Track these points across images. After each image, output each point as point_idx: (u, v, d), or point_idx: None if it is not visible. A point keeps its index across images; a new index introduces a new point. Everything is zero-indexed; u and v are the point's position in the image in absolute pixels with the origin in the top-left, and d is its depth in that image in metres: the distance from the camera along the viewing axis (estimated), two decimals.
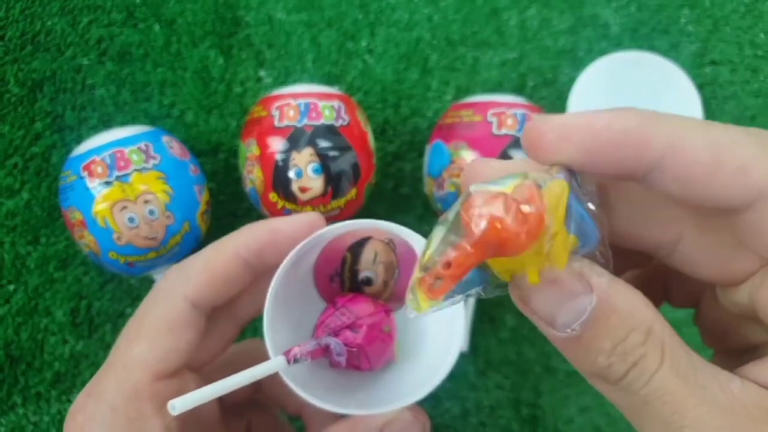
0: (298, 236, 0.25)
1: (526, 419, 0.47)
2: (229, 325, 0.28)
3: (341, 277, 0.27)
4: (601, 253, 0.18)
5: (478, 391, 0.48)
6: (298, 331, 0.26)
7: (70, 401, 0.45)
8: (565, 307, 0.17)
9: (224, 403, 0.29)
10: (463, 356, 0.48)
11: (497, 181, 0.18)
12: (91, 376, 0.45)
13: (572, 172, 0.18)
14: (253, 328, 0.45)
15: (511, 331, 0.49)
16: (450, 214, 0.18)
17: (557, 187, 0.17)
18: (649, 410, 0.16)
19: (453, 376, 0.49)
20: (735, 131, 0.18)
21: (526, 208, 0.17)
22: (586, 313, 0.17)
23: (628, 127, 0.17)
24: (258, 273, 0.26)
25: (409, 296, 0.18)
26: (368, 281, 0.27)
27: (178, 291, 0.25)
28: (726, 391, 0.16)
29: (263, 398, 0.33)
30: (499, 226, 0.17)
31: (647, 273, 0.25)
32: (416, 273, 0.18)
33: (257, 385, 0.31)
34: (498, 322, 0.49)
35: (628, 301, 0.17)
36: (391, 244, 0.27)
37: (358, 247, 0.27)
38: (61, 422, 0.45)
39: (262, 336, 0.26)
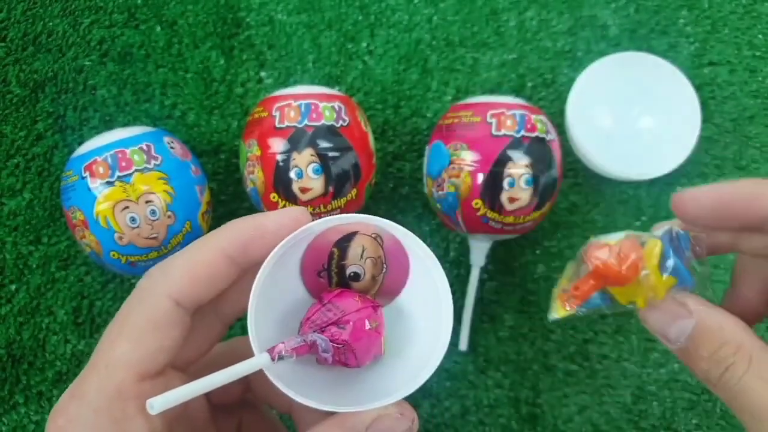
0: (283, 231, 0.25)
1: (526, 418, 0.48)
2: (215, 324, 0.28)
3: (328, 273, 0.27)
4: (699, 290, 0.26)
5: (478, 389, 0.48)
6: (285, 327, 0.26)
7: None
8: (673, 327, 0.24)
9: (214, 402, 0.29)
10: (462, 355, 0.48)
11: (609, 235, 0.27)
12: None
13: (672, 233, 0.26)
14: (242, 326, 0.45)
15: (511, 330, 0.49)
16: (579, 254, 0.27)
17: (652, 243, 0.26)
18: (740, 403, 0.22)
19: (452, 375, 0.50)
20: None
21: (625, 254, 0.25)
22: (689, 330, 0.24)
23: (743, 190, 0.25)
24: (243, 269, 0.26)
25: (551, 304, 0.27)
26: (356, 276, 0.27)
27: (160, 290, 0.24)
28: None
29: (253, 397, 0.33)
30: (601, 266, 0.26)
31: None
32: (557, 288, 0.28)
33: (246, 384, 0.31)
34: (497, 321, 0.49)
35: (720, 324, 0.24)
36: (378, 238, 0.27)
37: (344, 242, 0.26)
38: None
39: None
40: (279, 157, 0.40)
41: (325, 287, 0.27)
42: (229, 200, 0.49)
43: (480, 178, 0.41)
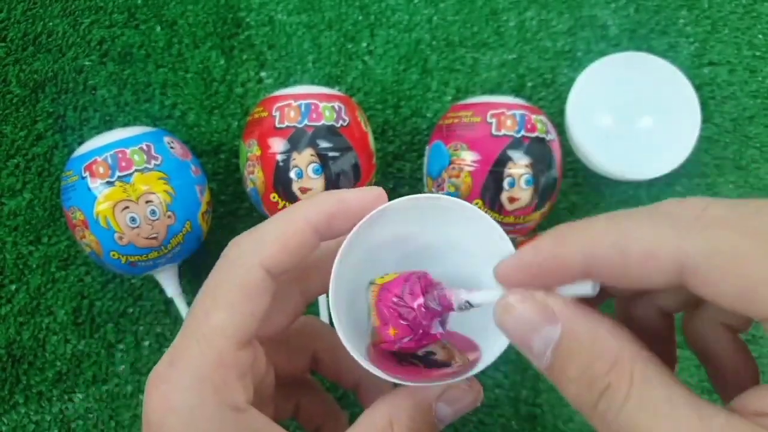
0: (365, 208, 0.25)
1: (526, 417, 0.48)
2: (297, 299, 0.28)
3: (407, 361, 0.26)
4: None
5: None
6: (356, 302, 0.27)
7: (72, 400, 0.45)
8: (536, 336, 0.19)
9: (278, 380, 0.30)
10: None
11: None
12: (94, 375, 0.45)
13: None
14: None
15: None
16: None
17: None
18: None
19: None
20: (637, 217, 0.19)
21: None
22: (554, 342, 0.18)
23: (546, 253, 0.20)
24: (323, 240, 0.26)
25: None
26: (430, 353, 0.27)
27: (253, 258, 0.25)
28: (705, 427, 0.16)
29: (311, 381, 0.33)
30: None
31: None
32: None
33: (314, 362, 0.32)
34: None
35: (592, 332, 0.18)
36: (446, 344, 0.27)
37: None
38: (63, 421, 0.45)
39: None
40: (279, 157, 0.40)
41: (417, 369, 0.26)
42: (229, 200, 0.49)
43: (480, 178, 0.41)
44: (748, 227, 0.17)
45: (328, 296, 0.25)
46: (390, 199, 0.26)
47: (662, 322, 0.24)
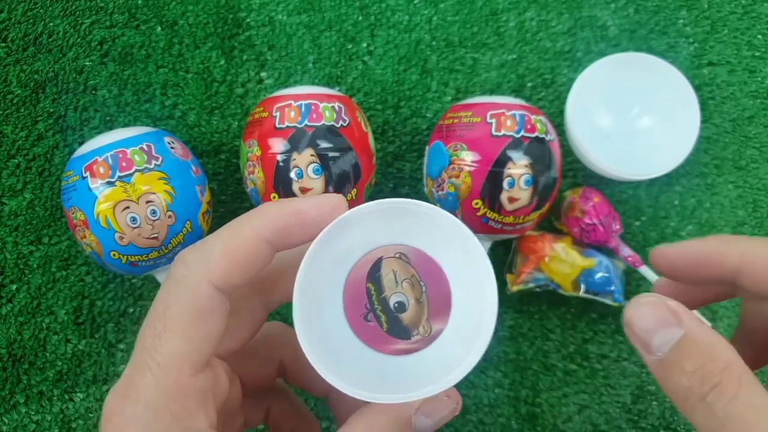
0: (323, 219, 0.24)
1: (525, 417, 0.48)
2: (258, 310, 0.27)
3: (375, 314, 0.26)
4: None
5: (477, 389, 0.48)
6: (324, 312, 0.26)
7: (72, 400, 0.45)
8: (659, 333, 0.22)
9: (245, 388, 0.29)
10: None
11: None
12: (94, 374, 0.46)
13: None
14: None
15: (510, 330, 0.49)
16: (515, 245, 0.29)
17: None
18: (730, 427, 0.20)
19: None
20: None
21: (542, 237, 0.36)
22: (674, 340, 0.22)
23: (709, 248, 0.24)
24: (278, 251, 0.25)
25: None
26: (401, 307, 0.26)
27: (200, 276, 0.23)
28: None
29: (289, 380, 0.32)
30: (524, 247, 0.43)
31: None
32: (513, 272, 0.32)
33: (281, 368, 0.31)
34: (497, 321, 0.49)
35: (710, 339, 0.22)
36: (403, 257, 0.26)
37: (374, 272, 0.26)
38: (63, 420, 0.45)
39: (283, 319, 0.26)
40: (279, 158, 0.40)
41: (377, 330, 0.27)
42: (229, 200, 0.49)
43: (480, 178, 0.41)
44: None
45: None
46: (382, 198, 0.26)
47: None
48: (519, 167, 0.41)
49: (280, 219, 0.24)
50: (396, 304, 0.26)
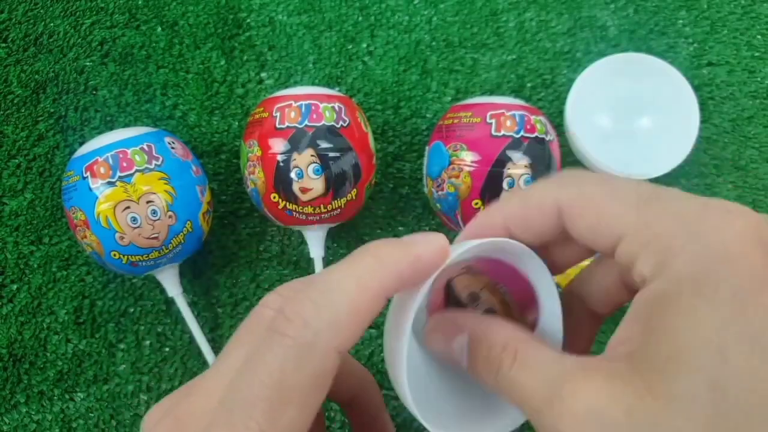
0: (435, 263, 0.23)
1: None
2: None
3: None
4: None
5: None
6: (418, 361, 0.25)
7: (73, 400, 0.45)
8: (453, 345, 0.24)
9: None
10: None
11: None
12: (95, 374, 0.46)
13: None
14: None
15: None
16: None
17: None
18: (516, 397, 0.22)
19: None
20: (538, 183, 0.24)
21: None
22: (465, 345, 0.23)
23: (481, 220, 0.26)
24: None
25: None
26: (475, 297, 0.26)
27: (329, 345, 0.21)
28: (558, 367, 0.21)
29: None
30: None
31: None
32: None
33: None
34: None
35: (488, 329, 0.23)
36: (469, 270, 0.26)
37: (451, 296, 0.26)
38: (64, 420, 0.45)
39: None
40: (279, 158, 0.41)
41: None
42: (229, 200, 0.49)
43: (480, 178, 0.41)
44: (605, 181, 0.23)
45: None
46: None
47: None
48: (519, 167, 0.41)
49: (400, 268, 0.22)
50: (469, 295, 0.26)
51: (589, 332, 0.28)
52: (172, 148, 0.42)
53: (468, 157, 0.41)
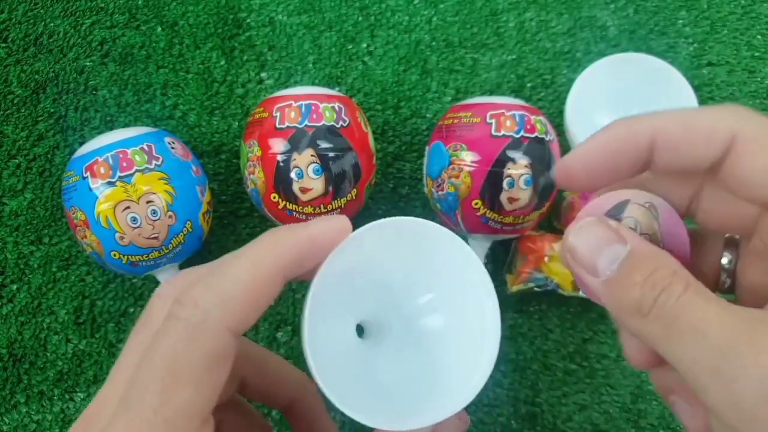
0: (334, 243, 0.23)
1: (525, 417, 0.48)
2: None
3: None
4: None
5: None
6: (332, 335, 0.25)
7: (73, 400, 0.45)
8: (604, 253, 0.22)
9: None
10: None
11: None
12: (95, 374, 0.46)
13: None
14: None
15: (510, 329, 0.49)
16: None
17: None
18: (679, 325, 0.19)
19: None
20: (699, 108, 0.23)
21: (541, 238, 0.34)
22: (621, 257, 0.21)
23: (619, 134, 0.23)
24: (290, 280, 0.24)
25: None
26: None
27: (219, 323, 0.21)
28: (747, 310, 0.19)
29: (248, 394, 0.30)
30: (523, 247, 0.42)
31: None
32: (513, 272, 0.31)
33: (241, 382, 0.29)
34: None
35: (656, 252, 0.21)
36: (652, 209, 0.24)
37: (615, 213, 0.24)
38: (64, 420, 0.45)
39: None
40: (279, 158, 0.41)
41: None
42: (229, 200, 0.49)
43: (480, 178, 0.41)
44: None
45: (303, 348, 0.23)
46: (372, 220, 0.25)
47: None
48: (519, 167, 0.41)
49: (295, 248, 0.22)
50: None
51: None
52: (172, 148, 0.42)
53: (468, 157, 0.41)
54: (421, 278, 0.27)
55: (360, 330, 0.28)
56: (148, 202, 0.39)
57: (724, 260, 0.25)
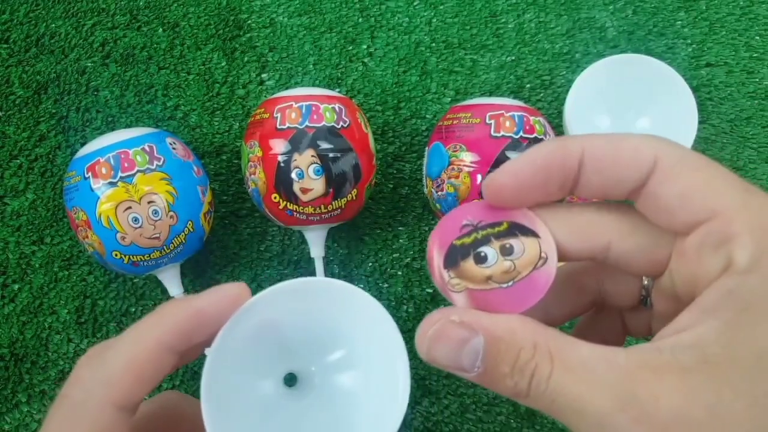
0: (224, 314, 0.23)
1: (524, 415, 0.48)
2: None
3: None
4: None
5: (477, 387, 0.48)
6: (237, 405, 0.25)
7: None
8: (464, 353, 0.21)
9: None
10: None
11: None
12: None
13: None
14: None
15: None
16: None
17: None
18: (558, 406, 0.20)
19: (451, 373, 0.50)
20: (629, 135, 0.22)
21: None
22: (480, 351, 0.21)
23: (550, 151, 0.22)
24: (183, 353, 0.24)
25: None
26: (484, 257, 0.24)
27: (101, 399, 0.21)
28: (613, 366, 0.19)
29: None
30: None
31: (604, 315, 0.29)
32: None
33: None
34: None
35: (509, 329, 0.21)
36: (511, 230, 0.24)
37: (472, 247, 0.23)
38: None
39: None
40: (280, 158, 0.41)
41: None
42: (230, 201, 0.49)
43: (479, 178, 0.41)
44: (701, 156, 0.21)
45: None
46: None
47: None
48: None
49: (179, 323, 0.22)
50: (482, 253, 0.23)
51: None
52: (174, 148, 0.42)
53: (467, 158, 0.42)
54: (333, 335, 0.26)
55: (295, 379, 0.27)
56: (149, 202, 0.39)
57: (645, 281, 0.26)
